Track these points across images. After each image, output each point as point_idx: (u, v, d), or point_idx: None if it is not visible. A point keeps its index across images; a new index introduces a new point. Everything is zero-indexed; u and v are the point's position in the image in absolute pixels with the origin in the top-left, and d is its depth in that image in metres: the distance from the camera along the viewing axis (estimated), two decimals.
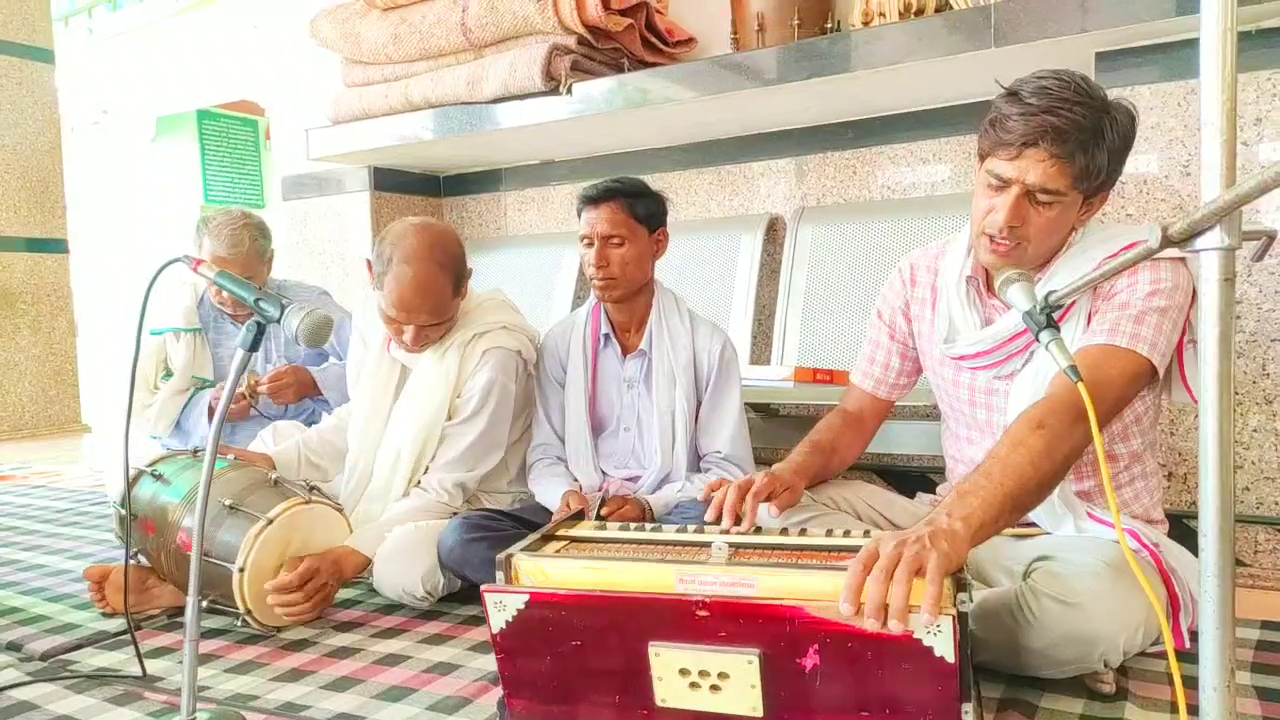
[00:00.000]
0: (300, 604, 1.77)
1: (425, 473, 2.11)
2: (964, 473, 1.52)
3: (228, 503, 1.84)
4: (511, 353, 2.13)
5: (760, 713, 1.18)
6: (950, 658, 1.08)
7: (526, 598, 1.23)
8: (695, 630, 1.17)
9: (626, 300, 2.07)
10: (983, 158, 1.47)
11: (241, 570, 1.76)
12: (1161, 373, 1.43)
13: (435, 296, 1.98)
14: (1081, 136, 1.37)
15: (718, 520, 1.45)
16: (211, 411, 2.59)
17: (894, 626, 1.07)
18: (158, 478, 2.00)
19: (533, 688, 1.28)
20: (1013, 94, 1.42)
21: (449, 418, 2.10)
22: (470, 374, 2.09)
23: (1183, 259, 1.43)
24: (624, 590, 1.23)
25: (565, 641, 1.24)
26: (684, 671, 1.19)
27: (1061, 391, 1.35)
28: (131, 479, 2.01)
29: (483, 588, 1.26)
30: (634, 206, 2.01)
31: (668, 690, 1.21)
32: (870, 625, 1.08)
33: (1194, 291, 1.43)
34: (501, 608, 1.25)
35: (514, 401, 2.14)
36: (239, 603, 1.77)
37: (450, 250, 2.02)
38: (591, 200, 2.03)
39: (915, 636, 1.08)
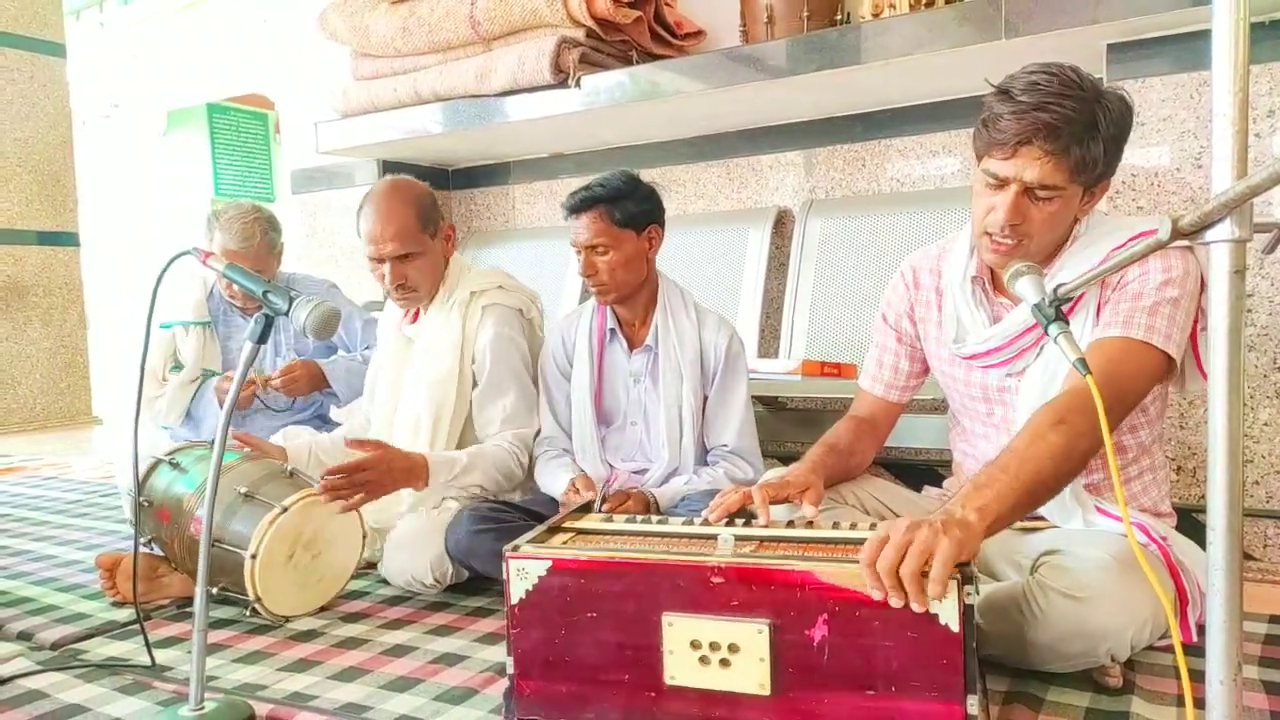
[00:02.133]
0: (344, 489, 1.83)
1: (448, 442, 2.14)
2: (974, 468, 1.52)
3: (243, 491, 1.86)
4: (512, 309, 2.19)
5: (768, 690, 1.19)
6: (954, 626, 1.11)
7: (549, 563, 1.27)
8: (709, 598, 1.21)
9: (625, 300, 2.07)
10: (979, 157, 1.46)
11: (254, 557, 1.77)
12: (1178, 364, 1.42)
13: (397, 223, 2.08)
14: (1074, 130, 1.36)
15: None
16: (217, 396, 2.61)
17: (913, 597, 1.11)
18: (175, 466, 2.03)
19: (544, 665, 1.30)
20: (1004, 92, 1.40)
21: (473, 384, 2.14)
22: (475, 333, 2.15)
23: (1189, 245, 1.42)
24: (642, 557, 1.26)
25: (581, 612, 1.27)
26: (695, 644, 1.21)
27: (1081, 386, 1.34)
28: (149, 467, 2.04)
29: (506, 553, 1.30)
30: (613, 213, 1.98)
31: (678, 666, 1.23)
32: (893, 602, 1.12)
33: (1203, 278, 1.43)
34: (524, 575, 1.28)
35: (526, 355, 2.20)
36: (250, 590, 1.78)
37: (413, 189, 2.15)
38: (572, 210, 2.02)
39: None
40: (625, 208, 1.99)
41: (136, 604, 1.68)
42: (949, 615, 1.11)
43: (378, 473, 1.88)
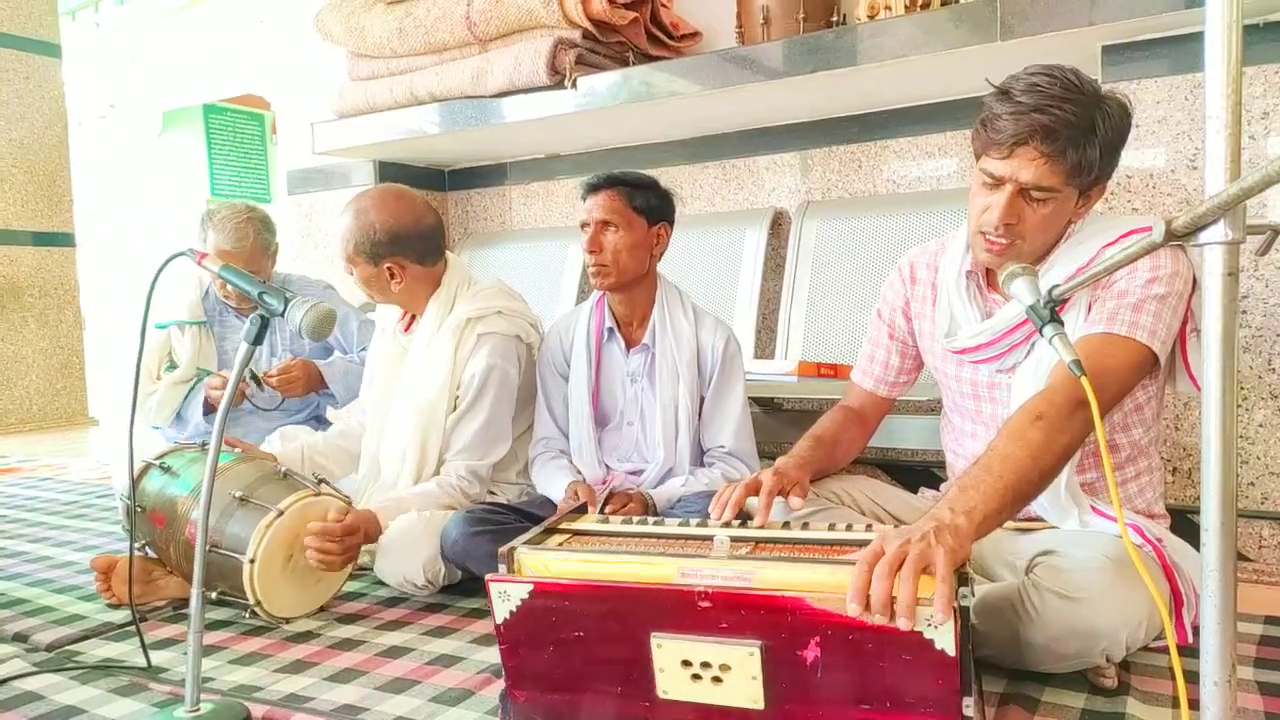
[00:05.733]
0: (337, 555, 1.81)
1: (435, 466, 2.12)
2: (964, 467, 1.52)
3: (238, 494, 1.85)
4: (509, 338, 2.14)
5: (761, 705, 1.18)
6: (951, 651, 1.08)
7: (530, 587, 1.25)
8: (697, 621, 1.18)
9: (620, 290, 2.07)
10: (977, 156, 1.47)
11: (252, 562, 1.76)
12: (1163, 360, 1.43)
13: (342, 240, 2.11)
14: (1072, 133, 1.36)
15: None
16: (209, 401, 2.60)
17: (902, 624, 1.07)
18: (166, 470, 2.01)
19: (535, 678, 1.29)
20: (1004, 92, 1.41)
21: (453, 408, 2.10)
22: (466, 359, 2.10)
23: (1182, 246, 1.43)
24: (627, 580, 1.24)
25: (568, 632, 1.25)
26: (686, 663, 1.20)
27: (1060, 382, 1.35)
28: (140, 472, 2.02)
29: (487, 577, 1.27)
30: (633, 196, 2.02)
31: (670, 682, 1.22)
32: (878, 620, 1.08)
33: (1194, 279, 1.43)
34: (506, 598, 1.26)
35: (516, 386, 2.15)
36: (249, 594, 1.77)
37: (380, 197, 2.12)
38: (593, 187, 2.05)
39: (916, 629, 1.08)
40: (644, 196, 2.04)
41: (132, 606, 1.67)
42: (945, 641, 1.08)
43: (362, 534, 1.88)
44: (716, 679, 1.19)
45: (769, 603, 1.15)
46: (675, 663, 1.20)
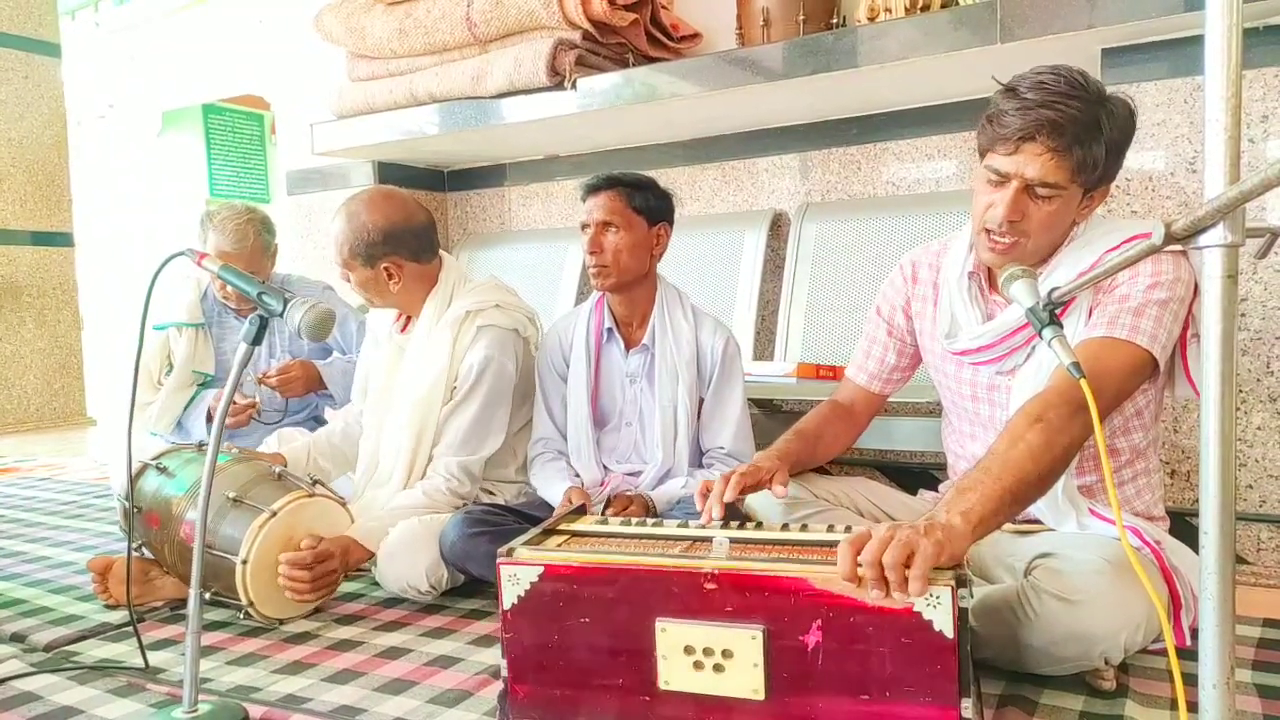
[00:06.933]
0: (305, 584, 1.78)
1: (429, 461, 2.11)
2: (965, 468, 1.52)
3: (231, 495, 1.85)
4: (508, 331, 2.13)
5: (762, 695, 1.19)
6: (949, 632, 1.10)
7: (541, 569, 1.27)
8: (702, 603, 1.20)
9: (621, 290, 2.07)
10: (982, 154, 1.48)
11: (244, 563, 1.76)
12: (1163, 365, 1.43)
13: (336, 244, 2.13)
14: (1077, 130, 1.37)
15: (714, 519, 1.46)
16: (211, 413, 2.60)
17: (895, 586, 1.10)
18: (162, 470, 2.01)
19: (538, 670, 1.30)
20: (1010, 90, 1.43)
21: (449, 400, 2.10)
22: (464, 351, 2.10)
23: (1184, 251, 1.43)
24: (635, 563, 1.26)
25: (574, 618, 1.27)
26: (689, 649, 1.21)
27: (1060, 385, 1.35)
28: (136, 472, 2.02)
29: (498, 560, 1.29)
30: (632, 197, 2.03)
31: (671, 671, 1.23)
32: (872, 596, 1.12)
33: (1196, 284, 1.43)
34: (515, 581, 1.28)
35: (513, 381, 2.14)
36: (241, 595, 1.77)
37: (370, 198, 2.13)
38: (593, 188, 2.05)
39: (915, 609, 1.11)
40: (644, 196, 2.04)
41: (130, 606, 1.67)
42: (943, 622, 1.10)
43: (337, 561, 1.85)
44: (718, 667, 1.20)
45: (773, 583, 1.18)
46: (678, 650, 1.22)
